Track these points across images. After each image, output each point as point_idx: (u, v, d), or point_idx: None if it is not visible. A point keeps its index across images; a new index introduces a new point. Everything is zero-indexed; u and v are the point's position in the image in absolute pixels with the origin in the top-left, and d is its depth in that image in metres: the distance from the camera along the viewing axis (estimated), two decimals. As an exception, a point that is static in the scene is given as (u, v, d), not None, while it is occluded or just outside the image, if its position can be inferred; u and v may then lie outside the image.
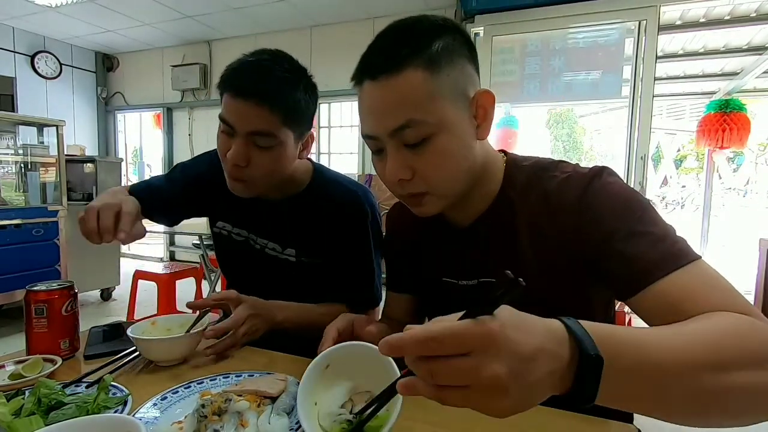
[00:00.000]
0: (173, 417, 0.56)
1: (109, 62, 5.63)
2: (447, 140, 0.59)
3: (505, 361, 0.32)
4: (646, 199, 0.60)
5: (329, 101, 4.75)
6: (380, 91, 0.58)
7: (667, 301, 0.51)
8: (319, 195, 0.96)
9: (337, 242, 0.94)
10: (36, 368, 0.68)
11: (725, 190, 11.32)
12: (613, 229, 0.57)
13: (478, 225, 0.70)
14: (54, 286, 0.75)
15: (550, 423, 0.56)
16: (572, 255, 0.61)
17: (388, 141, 0.60)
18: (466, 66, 0.61)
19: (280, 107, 0.79)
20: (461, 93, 0.60)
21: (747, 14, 3.41)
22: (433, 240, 0.77)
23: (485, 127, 0.63)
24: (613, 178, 0.62)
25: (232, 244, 1.02)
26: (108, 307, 3.72)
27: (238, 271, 1.07)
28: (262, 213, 0.97)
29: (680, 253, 0.53)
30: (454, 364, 0.32)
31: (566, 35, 3.19)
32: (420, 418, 0.57)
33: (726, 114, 4.19)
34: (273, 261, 0.97)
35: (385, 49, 0.59)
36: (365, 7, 4.04)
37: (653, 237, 0.55)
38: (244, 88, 0.79)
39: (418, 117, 0.57)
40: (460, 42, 0.61)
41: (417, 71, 0.56)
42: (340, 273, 0.96)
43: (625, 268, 0.55)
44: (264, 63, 0.81)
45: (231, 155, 0.80)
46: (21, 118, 3.28)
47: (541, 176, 0.66)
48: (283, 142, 0.83)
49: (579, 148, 12.29)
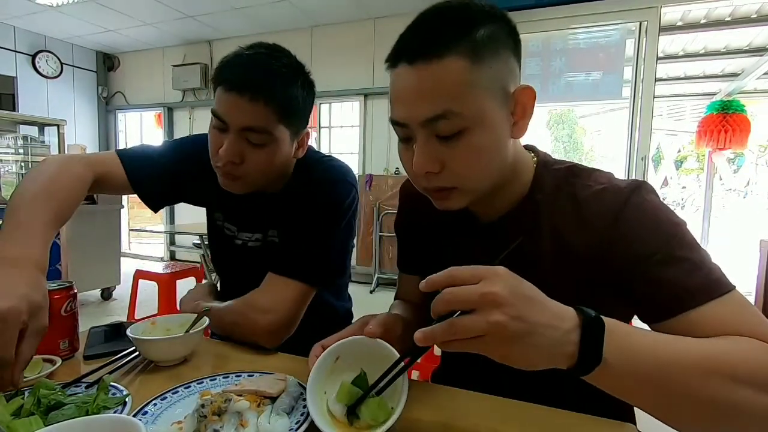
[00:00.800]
0: (173, 417, 0.55)
1: (110, 62, 5.64)
2: (481, 135, 0.55)
3: (505, 286, 0.40)
4: (683, 221, 0.57)
5: (329, 101, 4.75)
6: (417, 77, 0.54)
7: (697, 330, 0.50)
8: (300, 180, 0.91)
9: (299, 216, 0.87)
10: (35, 368, 0.68)
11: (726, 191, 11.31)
12: (649, 251, 0.55)
13: (500, 223, 0.68)
14: (54, 286, 0.75)
15: (551, 423, 0.56)
16: (597, 268, 0.59)
17: (419, 130, 0.56)
18: (510, 59, 0.57)
19: (275, 103, 0.77)
20: (502, 87, 0.56)
21: (748, 15, 3.41)
22: (452, 229, 0.74)
23: (522, 126, 0.59)
24: (651, 196, 0.59)
25: (222, 237, 1.00)
26: (108, 306, 3.72)
27: (229, 267, 1.04)
28: (248, 206, 0.94)
29: (716, 283, 0.52)
30: (465, 287, 0.40)
31: (567, 36, 3.20)
32: (426, 419, 0.57)
33: (726, 115, 4.20)
34: (256, 253, 0.95)
35: (427, 32, 0.55)
36: (366, 8, 4.04)
37: (690, 264, 0.53)
38: (238, 81, 0.75)
39: (456, 108, 0.53)
40: (507, 32, 0.57)
41: (459, 59, 0.52)
42: (289, 243, 0.88)
43: (659, 293, 0.54)
44: (260, 57, 0.78)
45: (224, 152, 0.77)
46: (22, 118, 3.29)
47: (573, 183, 0.63)
48: (278, 139, 0.80)
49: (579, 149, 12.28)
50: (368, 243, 4.46)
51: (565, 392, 0.60)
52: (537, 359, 0.41)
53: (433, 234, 0.78)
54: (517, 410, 0.59)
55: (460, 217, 0.72)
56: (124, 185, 0.90)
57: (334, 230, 0.88)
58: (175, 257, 5.68)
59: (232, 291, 0.89)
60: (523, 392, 0.61)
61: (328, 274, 0.90)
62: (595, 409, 0.57)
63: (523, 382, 0.59)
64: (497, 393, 0.62)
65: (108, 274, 3.76)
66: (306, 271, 0.84)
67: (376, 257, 4.42)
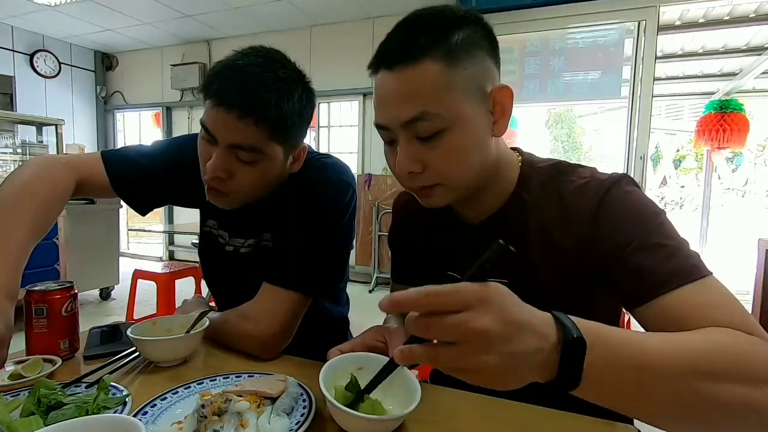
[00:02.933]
0: (173, 417, 0.56)
1: (108, 61, 5.63)
2: (461, 135, 0.58)
3: (495, 319, 0.35)
4: (662, 211, 0.59)
5: (329, 101, 4.75)
6: (395, 81, 0.57)
7: (672, 314, 0.51)
8: (294, 180, 0.85)
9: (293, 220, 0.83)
10: (36, 368, 0.68)
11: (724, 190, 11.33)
12: (627, 239, 0.56)
13: (488, 223, 0.69)
14: (54, 286, 0.75)
15: (550, 423, 0.56)
16: (583, 263, 0.61)
17: (401, 132, 0.59)
18: (486, 60, 0.59)
19: (267, 121, 0.71)
20: (479, 87, 0.58)
21: (746, 15, 3.42)
22: (442, 233, 0.76)
23: (502, 124, 0.61)
24: (631, 188, 0.61)
25: (214, 246, 0.96)
26: (107, 306, 3.72)
27: (221, 279, 1.00)
28: (240, 209, 0.87)
29: (692, 268, 0.53)
30: (448, 317, 0.35)
31: (566, 35, 3.20)
32: (424, 419, 0.57)
33: (725, 114, 4.21)
34: (248, 261, 0.91)
35: (404, 38, 0.58)
36: (365, 7, 4.04)
37: (667, 250, 0.54)
38: (226, 97, 0.70)
39: (433, 110, 0.56)
40: (481, 34, 0.59)
41: (434, 63, 0.55)
42: (283, 250, 0.83)
43: (636, 279, 0.55)
44: (252, 69, 0.72)
45: (211, 166, 0.73)
46: (20, 117, 3.28)
47: (557, 180, 0.65)
48: (270, 156, 0.75)
49: (578, 148, 12.30)
50: (367, 243, 4.46)
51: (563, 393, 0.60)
52: (515, 384, 0.38)
53: (424, 242, 0.79)
54: (516, 411, 0.59)
55: (449, 221, 0.74)
56: (107, 188, 0.85)
57: (331, 235, 0.83)
58: (174, 257, 5.68)
59: (225, 302, 0.87)
60: (523, 393, 0.61)
61: (325, 283, 0.85)
62: (595, 410, 0.57)
63: None
64: (495, 394, 0.62)
65: (107, 274, 3.76)
66: (301, 280, 0.79)
67: (375, 257, 4.42)
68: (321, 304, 0.95)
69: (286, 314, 0.78)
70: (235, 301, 0.83)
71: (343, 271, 0.93)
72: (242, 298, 0.82)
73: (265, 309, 0.78)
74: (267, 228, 0.89)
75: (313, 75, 0.85)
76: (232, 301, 0.84)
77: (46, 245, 3.08)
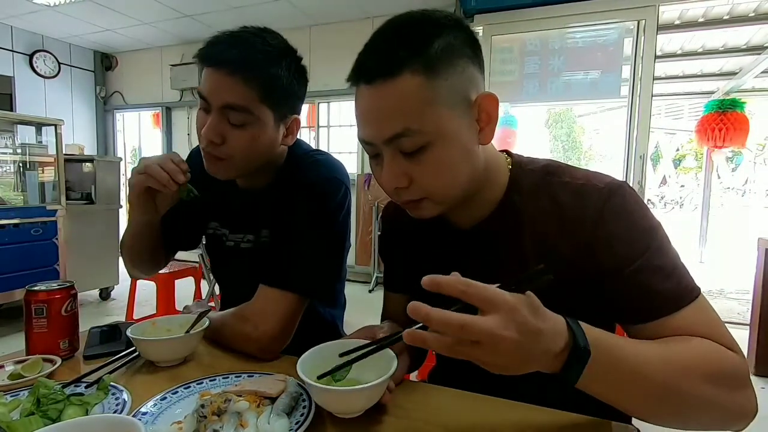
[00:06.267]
0: (173, 417, 0.56)
1: (107, 61, 5.62)
2: (445, 149, 0.56)
3: (518, 330, 0.41)
4: (659, 223, 0.59)
5: (329, 101, 4.75)
6: (375, 97, 0.56)
7: (669, 334, 0.55)
8: (287, 175, 0.88)
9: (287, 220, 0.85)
10: (35, 368, 0.68)
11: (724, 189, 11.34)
12: (627, 256, 0.57)
13: (480, 228, 0.68)
14: (54, 286, 0.75)
15: (550, 423, 0.56)
16: (578, 270, 0.60)
17: (384, 148, 0.58)
18: (468, 67, 0.57)
19: (255, 81, 0.75)
20: (462, 97, 0.56)
21: (746, 14, 3.42)
22: (433, 240, 0.75)
23: (488, 132, 0.59)
24: (631, 198, 0.60)
25: (217, 243, 0.98)
26: (107, 306, 3.72)
27: (226, 272, 1.03)
28: (238, 205, 0.93)
29: (686, 291, 0.56)
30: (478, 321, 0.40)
31: (565, 35, 3.20)
32: (422, 419, 0.57)
33: (724, 113, 4.20)
34: (250, 255, 0.93)
35: (382, 51, 0.56)
36: (364, 7, 4.04)
37: (665, 272, 0.56)
38: (216, 57, 0.74)
39: (415, 126, 0.54)
40: (462, 41, 0.56)
41: (414, 76, 0.53)
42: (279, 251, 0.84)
43: (636, 299, 0.57)
44: (243, 35, 0.77)
45: (205, 131, 0.76)
46: (19, 118, 3.28)
47: (551, 182, 0.64)
48: (260, 120, 0.77)
49: (578, 148, 12.29)
50: (367, 242, 4.46)
51: (563, 393, 0.60)
52: (520, 372, 0.45)
53: (416, 250, 0.78)
54: (514, 411, 0.59)
55: (440, 229, 0.73)
56: None
57: (325, 235, 0.84)
58: (174, 257, 5.67)
59: (231, 297, 0.88)
60: (522, 393, 0.61)
61: (321, 283, 0.86)
62: (595, 410, 0.57)
63: (520, 383, 0.59)
64: (494, 393, 0.63)
65: (106, 274, 3.76)
66: (298, 281, 0.80)
67: (374, 257, 4.41)
68: (312, 305, 0.94)
69: (284, 315, 0.79)
70: (240, 294, 0.84)
71: (339, 270, 0.94)
72: (247, 290, 0.83)
73: (262, 311, 0.79)
74: (264, 225, 0.91)
75: (313, 75, 0.86)
76: (238, 295, 0.85)
77: (46, 245, 3.08)
